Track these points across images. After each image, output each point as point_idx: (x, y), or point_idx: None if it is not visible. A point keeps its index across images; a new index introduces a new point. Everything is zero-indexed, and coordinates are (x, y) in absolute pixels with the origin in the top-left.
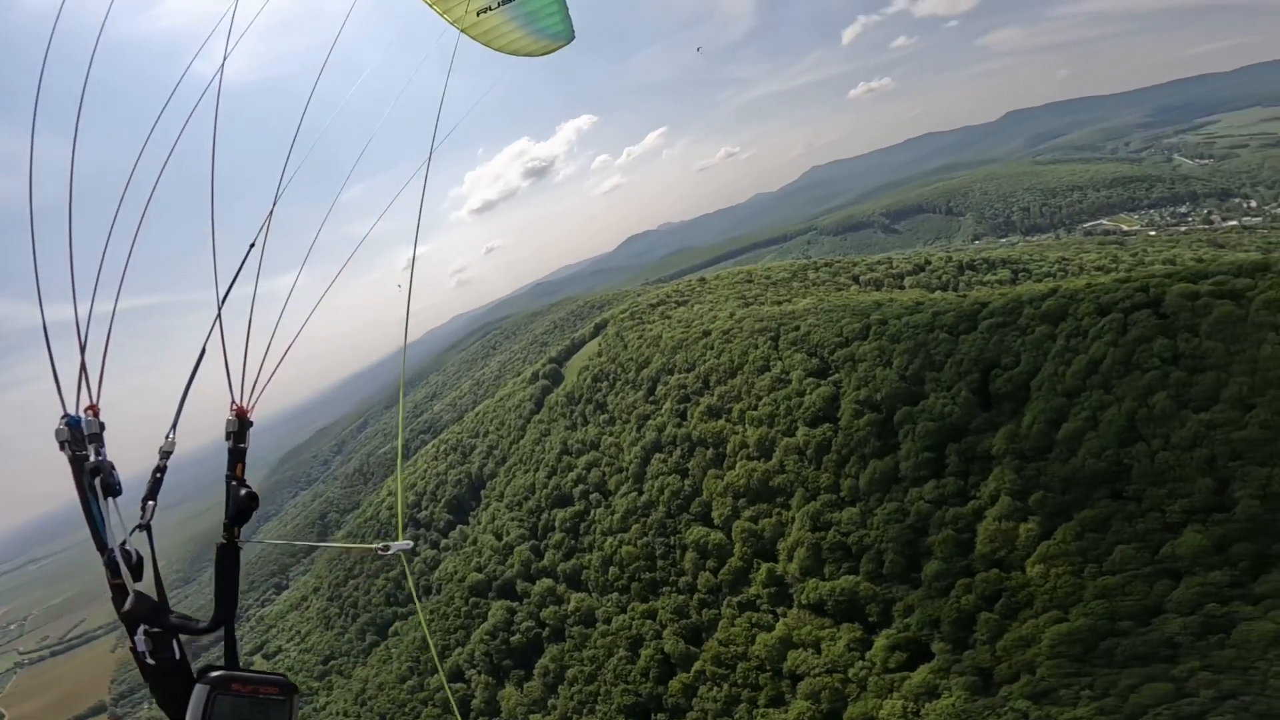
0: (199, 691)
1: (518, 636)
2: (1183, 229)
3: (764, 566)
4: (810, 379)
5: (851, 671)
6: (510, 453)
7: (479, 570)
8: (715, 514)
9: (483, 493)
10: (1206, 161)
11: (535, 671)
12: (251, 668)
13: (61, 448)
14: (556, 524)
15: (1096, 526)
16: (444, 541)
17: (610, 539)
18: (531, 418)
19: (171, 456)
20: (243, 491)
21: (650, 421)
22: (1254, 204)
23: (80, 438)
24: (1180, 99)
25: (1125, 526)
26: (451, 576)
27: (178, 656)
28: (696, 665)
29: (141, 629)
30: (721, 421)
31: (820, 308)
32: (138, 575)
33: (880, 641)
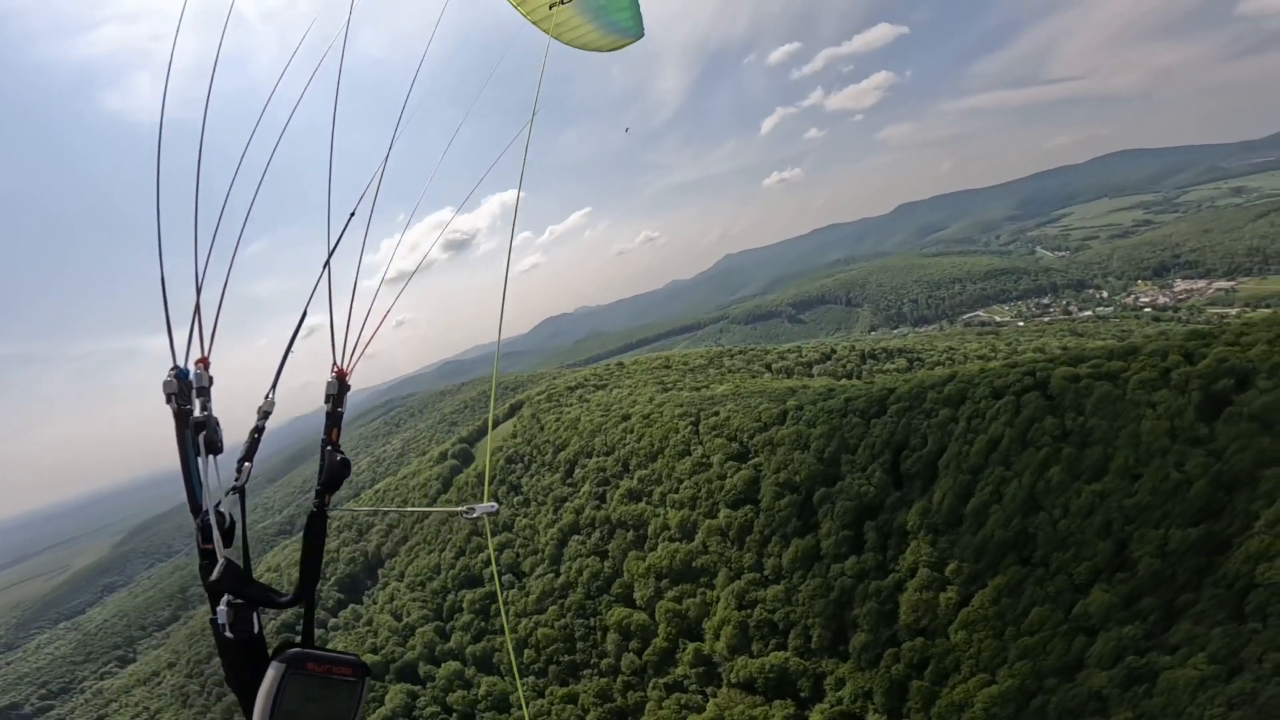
0: (275, 669)
1: None
2: (1046, 319)
3: (690, 646)
4: (731, 462)
5: None
6: (413, 532)
7: (374, 651)
8: (638, 595)
9: (380, 571)
10: (1064, 254)
11: None
12: (327, 646)
13: (168, 400)
14: (464, 605)
15: (1010, 591)
16: (332, 621)
17: (525, 620)
18: (438, 498)
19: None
20: (338, 458)
21: (568, 504)
22: (1105, 294)
23: (187, 391)
24: (1040, 191)
25: (1037, 589)
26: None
27: (255, 630)
28: None
29: (225, 600)
30: (642, 504)
31: (738, 394)
32: (228, 541)
33: (815, 717)
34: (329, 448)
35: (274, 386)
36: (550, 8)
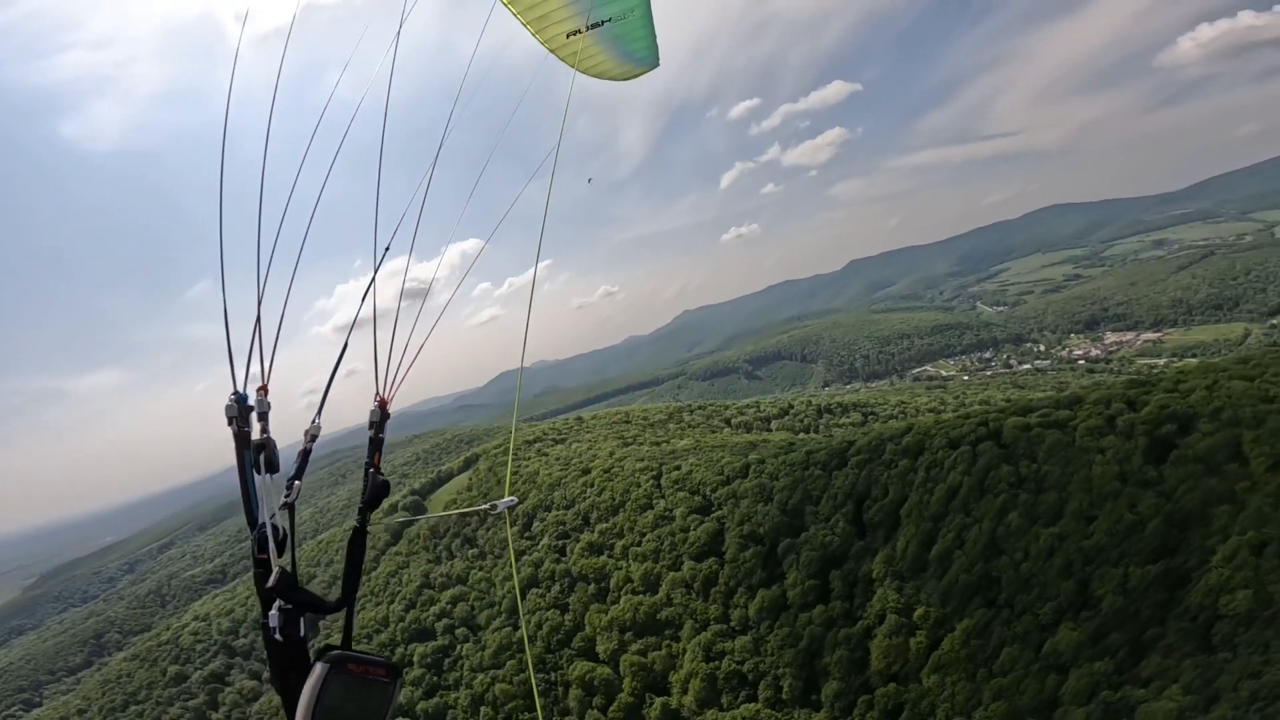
0: (320, 670)
1: None
2: (989, 373)
3: (658, 700)
4: (694, 515)
5: None
6: (362, 584)
7: None
8: (600, 648)
9: (321, 624)
10: (1002, 308)
11: None
12: (361, 650)
13: (229, 423)
14: (415, 659)
15: (979, 633)
16: (266, 673)
17: (481, 675)
18: (387, 549)
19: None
20: (380, 479)
21: (526, 557)
22: (1042, 348)
23: (246, 414)
24: (979, 247)
25: (1005, 630)
26: (277, 711)
27: (301, 634)
28: None
29: (277, 605)
30: (604, 558)
31: (699, 448)
32: (280, 552)
33: None
34: (372, 470)
35: (319, 412)
36: (567, 37)
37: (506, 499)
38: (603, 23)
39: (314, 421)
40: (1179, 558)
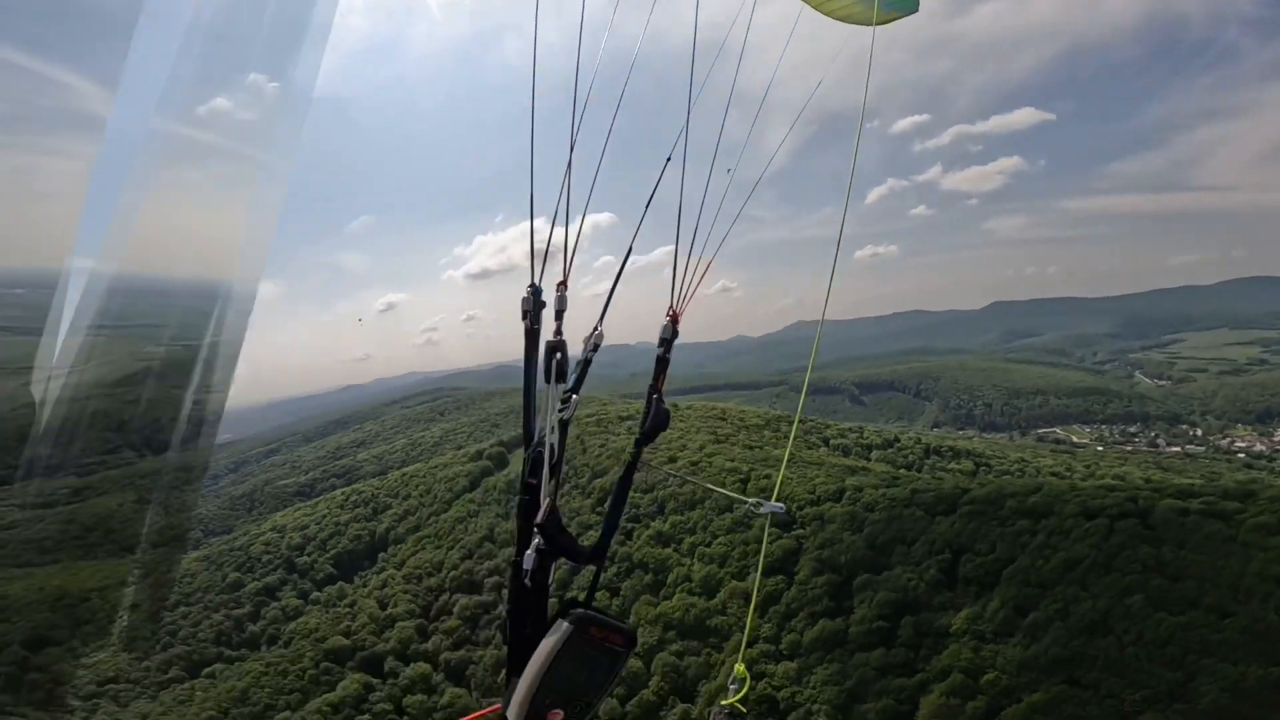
0: (564, 630)
1: (366, 717)
2: (1129, 448)
3: (680, 706)
4: (774, 529)
5: None
6: (426, 523)
7: (346, 635)
8: (639, 641)
9: (381, 556)
10: (1164, 383)
11: None
12: (600, 609)
13: (523, 317)
14: (455, 610)
15: (1046, 709)
16: (315, 594)
17: None
18: (462, 494)
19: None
20: (663, 407)
21: (591, 532)
22: (1199, 433)
23: (539, 310)
24: (1153, 311)
25: (1076, 710)
26: (310, 633)
27: (549, 581)
28: None
29: (536, 544)
30: (669, 550)
31: (794, 461)
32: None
33: None
34: (655, 396)
35: (601, 319)
36: None
37: (774, 504)
38: None
39: (596, 329)
40: None
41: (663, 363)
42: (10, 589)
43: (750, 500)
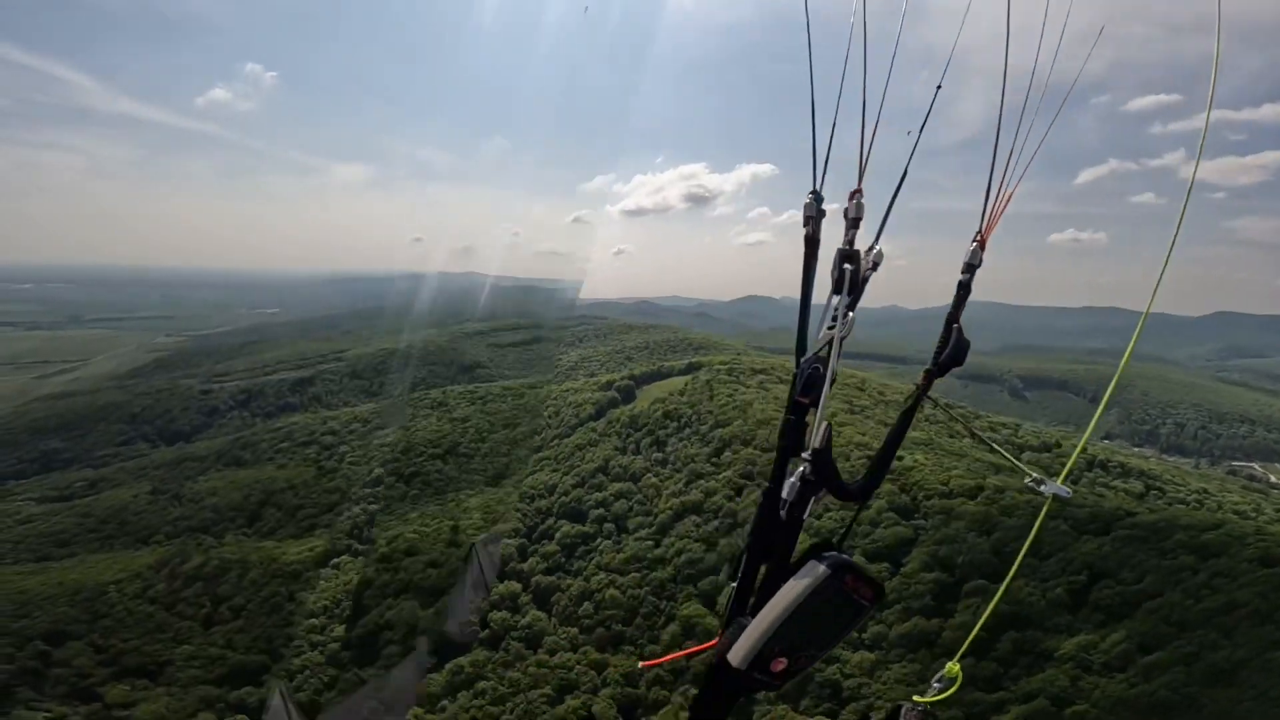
0: (818, 571)
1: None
2: None
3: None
4: (890, 513)
5: None
6: (550, 445)
7: (450, 544)
8: (721, 600)
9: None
10: None
11: (446, 667)
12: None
13: (805, 223)
14: (556, 535)
15: None
16: (414, 491)
17: (601, 575)
18: (587, 422)
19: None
20: (964, 339)
21: (702, 482)
22: None
23: (820, 218)
24: None
25: None
26: (397, 536)
27: (804, 515)
28: None
29: (801, 471)
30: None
31: (932, 447)
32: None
33: None
34: (956, 326)
35: (878, 236)
36: None
37: (1059, 486)
38: None
39: (874, 247)
40: None
41: (964, 289)
42: (28, 583)
43: (1032, 475)
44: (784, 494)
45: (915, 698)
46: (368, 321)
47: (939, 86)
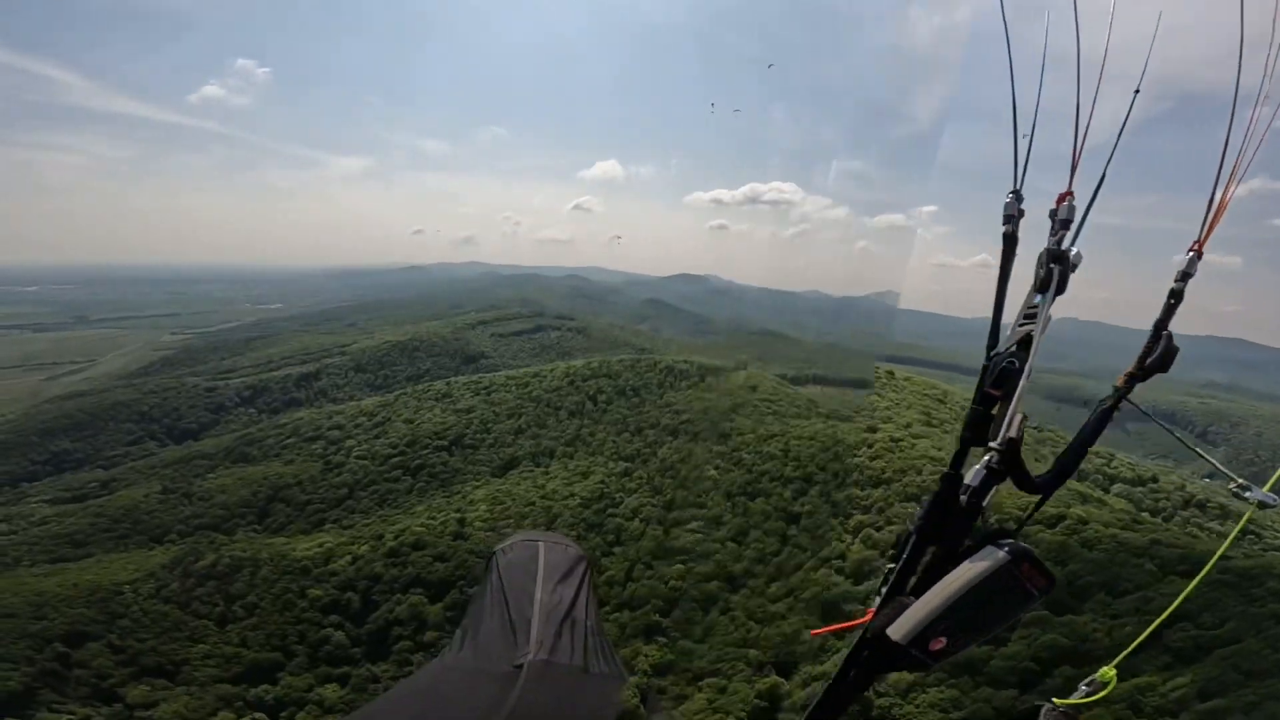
0: (997, 556)
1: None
2: None
3: (774, 678)
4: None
5: None
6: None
7: (457, 535)
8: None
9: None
10: None
11: None
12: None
13: (1005, 221)
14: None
15: None
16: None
17: (638, 565)
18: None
19: None
20: (1173, 345)
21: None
22: None
23: (1018, 218)
24: None
25: None
26: (404, 530)
27: (984, 505)
28: None
29: (988, 460)
30: (835, 521)
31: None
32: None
33: None
34: (1165, 332)
35: (1077, 231)
36: None
37: (1268, 494)
38: None
39: (1073, 248)
40: None
41: (1176, 297)
42: (46, 585)
43: (1237, 481)
44: (970, 480)
45: (1056, 700)
46: (370, 314)
47: (1136, 91)
